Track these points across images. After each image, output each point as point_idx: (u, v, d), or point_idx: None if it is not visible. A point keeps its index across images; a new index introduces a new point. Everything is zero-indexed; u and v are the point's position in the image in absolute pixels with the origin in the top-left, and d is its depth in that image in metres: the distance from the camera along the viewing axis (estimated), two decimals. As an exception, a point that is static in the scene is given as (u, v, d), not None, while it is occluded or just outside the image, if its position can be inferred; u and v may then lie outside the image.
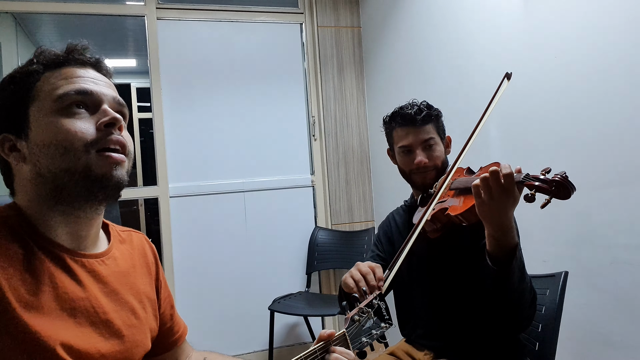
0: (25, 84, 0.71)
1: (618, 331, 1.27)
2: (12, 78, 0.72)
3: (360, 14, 2.98)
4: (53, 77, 0.72)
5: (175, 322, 0.96)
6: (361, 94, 2.97)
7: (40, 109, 0.70)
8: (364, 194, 2.95)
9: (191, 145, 2.73)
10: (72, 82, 0.71)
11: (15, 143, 0.70)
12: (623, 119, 1.22)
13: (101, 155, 0.70)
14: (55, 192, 0.69)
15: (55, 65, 0.73)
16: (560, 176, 0.81)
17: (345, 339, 0.90)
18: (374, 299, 0.97)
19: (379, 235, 1.44)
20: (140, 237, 0.92)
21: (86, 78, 0.73)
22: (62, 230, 0.71)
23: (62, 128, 0.68)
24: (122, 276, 0.79)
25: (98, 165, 0.69)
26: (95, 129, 0.70)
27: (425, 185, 1.26)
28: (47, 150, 0.68)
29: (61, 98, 0.69)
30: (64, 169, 0.68)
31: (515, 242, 0.96)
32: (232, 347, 2.70)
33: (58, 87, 0.70)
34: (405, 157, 1.28)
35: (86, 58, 0.75)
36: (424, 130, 1.25)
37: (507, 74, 1.16)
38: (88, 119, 0.71)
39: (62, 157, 0.68)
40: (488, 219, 0.93)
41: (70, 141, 0.68)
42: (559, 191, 0.81)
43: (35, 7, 2.51)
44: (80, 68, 0.74)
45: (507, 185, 0.88)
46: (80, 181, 0.68)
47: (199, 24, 2.79)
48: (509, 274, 0.95)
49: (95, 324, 0.71)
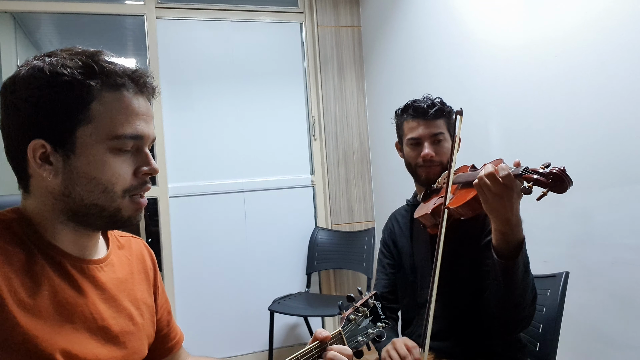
0: (82, 99, 0.66)
1: (619, 331, 1.27)
2: (69, 85, 0.66)
3: (360, 14, 2.98)
4: (112, 104, 0.68)
5: (172, 328, 0.95)
6: (361, 94, 2.97)
7: (92, 136, 0.67)
8: (364, 194, 2.94)
9: (191, 145, 2.72)
10: (130, 121, 0.69)
11: (48, 154, 0.67)
12: (623, 119, 1.22)
13: (133, 202, 0.72)
14: (75, 215, 0.69)
15: (115, 86, 0.69)
16: (558, 169, 0.82)
17: (341, 338, 0.90)
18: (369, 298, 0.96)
19: (384, 239, 1.43)
20: (139, 243, 0.92)
21: (141, 115, 0.71)
22: (66, 238, 0.71)
23: (110, 168, 0.68)
24: (120, 282, 0.79)
25: (127, 209, 0.71)
26: (133, 174, 0.71)
27: (429, 180, 1.26)
28: (87, 182, 0.67)
29: (118, 139, 0.68)
30: (97, 205, 0.69)
31: (522, 236, 0.97)
32: (232, 347, 2.69)
33: (116, 122, 0.68)
34: (413, 149, 1.28)
35: (145, 88, 0.73)
36: (435, 124, 1.25)
37: (457, 111, 1.19)
38: (129, 161, 0.71)
39: (100, 194, 0.68)
40: (495, 214, 0.94)
41: (112, 183, 0.68)
42: (555, 184, 0.81)
43: (35, 6, 2.50)
44: (136, 97, 0.71)
45: (507, 182, 0.90)
46: (106, 217, 0.70)
47: (198, 24, 2.79)
48: (514, 268, 0.96)
49: (93, 330, 0.71)
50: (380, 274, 1.39)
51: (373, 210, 2.95)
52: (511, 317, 1.03)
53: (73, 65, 0.67)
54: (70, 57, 0.68)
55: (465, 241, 1.18)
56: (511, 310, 1.01)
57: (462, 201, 1.03)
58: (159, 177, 2.63)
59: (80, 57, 0.68)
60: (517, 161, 0.93)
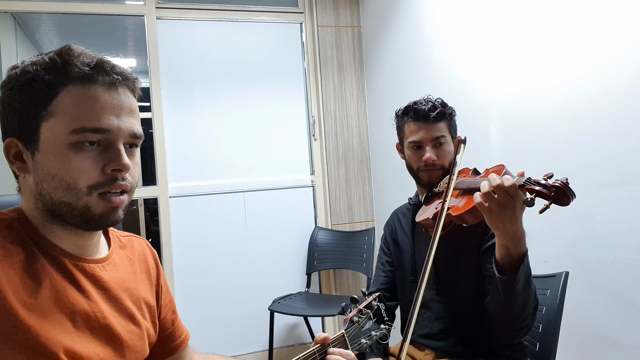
0: (44, 95, 0.66)
1: (619, 331, 1.27)
2: (31, 82, 0.66)
3: (360, 14, 2.98)
4: (74, 97, 0.66)
5: (177, 327, 0.95)
6: (361, 94, 2.96)
7: (53, 131, 0.66)
8: (364, 194, 2.94)
9: (191, 145, 2.72)
10: (94, 114, 0.66)
11: (21, 152, 0.68)
12: (624, 119, 1.22)
13: (102, 198, 0.68)
14: (53, 214, 0.69)
15: (80, 79, 0.67)
16: (561, 182, 0.81)
17: (344, 340, 0.89)
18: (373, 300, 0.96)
19: (384, 237, 1.43)
20: (141, 243, 0.91)
21: (110, 109, 0.68)
22: (62, 237, 0.71)
23: (70, 164, 0.65)
24: (122, 282, 0.79)
25: (97, 207, 0.68)
26: (101, 171, 0.67)
27: (430, 183, 1.25)
28: (51, 179, 0.66)
29: (78, 132, 0.65)
30: (64, 202, 0.67)
31: (524, 249, 0.95)
32: (232, 347, 2.69)
33: (76, 116, 0.65)
34: (414, 152, 1.27)
35: (114, 78, 0.69)
36: (436, 127, 1.24)
37: (461, 140, 1.18)
38: (97, 157, 0.67)
39: (64, 191, 0.66)
40: (500, 229, 0.92)
41: (75, 180, 0.66)
42: (559, 197, 0.81)
43: (35, 6, 2.50)
44: (106, 91, 0.68)
45: (512, 193, 0.88)
46: (77, 216, 0.68)
47: (198, 24, 2.79)
48: (514, 283, 0.95)
49: (95, 329, 0.71)
50: (379, 271, 1.40)
51: (373, 210, 2.95)
52: (511, 327, 1.03)
53: (40, 62, 0.67)
54: (44, 56, 0.68)
55: (466, 243, 1.18)
56: (511, 320, 1.01)
57: (466, 208, 1.02)
58: (158, 177, 2.63)
59: (50, 54, 0.68)
60: (521, 171, 0.92)
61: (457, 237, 1.16)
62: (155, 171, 2.64)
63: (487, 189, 0.90)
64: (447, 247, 1.20)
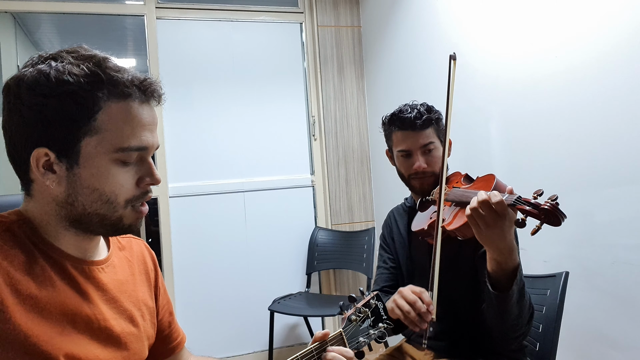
0: (87, 109, 0.65)
1: (619, 331, 1.27)
2: (73, 95, 0.64)
3: (360, 14, 2.98)
4: (118, 115, 0.67)
5: (174, 329, 0.95)
6: (361, 94, 2.96)
7: (97, 148, 0.66)
8: (364, 194, 2.94)
9: (191, 145, 2.72)
10: (136, 132, 0.68)
11: (52, 162, 0.66)
12: (624, 119, 1.22)
13: (134, 211, 0.72)
14: (77, 222, 0.69)
15: (121, 96, 0.67)
16: (550, 204, 0.81)
17: (342, 339, 0.89)
18: (371, 298, 0.96)
19: (383, 235, 1.43)
20: (139, 244, 0.91)
21: (147, 126, 0.70)
22: (67, 241, 0.71)
23: (113, 179, 0.68)
24: (121, 284, 0.79)
25: (129, 218, 0.71)
26: (136, 184, 0.71)
27: (423, 190, 1.25)
28: (90, 192, 0.67)
29: (123, 151, 0.67)
30: (99, 214, 0.69)
31: (516, 263, 0.95)
32: (232, 347, 2.69)
33: (122, 134, 0.67)
34: (404, 161, 1.27)
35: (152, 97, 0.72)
36: (424, 134, 1.23)
37: (451, 55, 1.18)
38: (132, 171, 0.70)
39: (102, 205, 0.68)
40: (489, 244, 0.93)
41: (116, 194, 0.68)
42: (549, 219, 0.81)
43: (35, 6, 2.50)
44: (141, 106, 0.70)
45: (500, 211, 0.87)
46: (108, 226, 0.70)
47: (198, 24, 2.79)
48: (508, 298, 0.95)
49: (95, 331, 0.70)
50: (382, 269, 1.39)
51: (373, 210, 2.95)
52: (506, 336, 1.04)
53: (79, 73, 0.65)
54: (77, 64, 0.65)
55: (464, 246, 1.18)
56: (506, 331, 1.02)
57: (459, 224, 1.02)
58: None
59: (87, 64, 0.66)
60: (509, 188, 0.92)
61: (453, 243, 1.17)
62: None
63: (474, 205, 0.89)
64: (445, 250, 1.20)
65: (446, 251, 1.19)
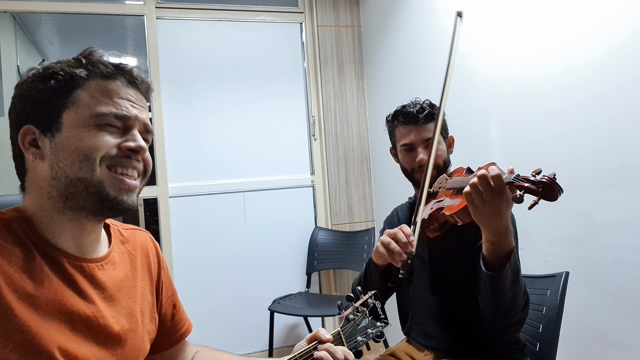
0: (67, 86, 0.70)
1: (619, 331, 1.27)
2: (54, 74, 0.70)
3: (360, 13, 2.98)
4: (97, 89, 0.71)
5: (177, 320, 0.96)
6: (361, 94, 2.96)
7: (76, 117, 0.70)
8: (364, 194, 2.94)
9: (191, 145, 2.72)
10: (114, 102, 0.72)
11: (37, 138, 0.70)
12: (624, 119, 1.22)
13: (115, 178, 0.71)
14: (65, 198, 0.69)
15: (102, 76, 0.72)
16: (548, 177, 0.82)
17: (340, 338, 0.90)
18: (369, 298, 0.97)
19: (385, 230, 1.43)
20: (144, 236, 0.92)
21: (128, 100, 0.73)
22: (66, 234, 0.71)
23: (91, 139, 0.69)
24: (121, 281, 0.79)
25: (110, 186, 0.70)
26: (117, 147, 0.71)
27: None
28: (69, 155, 0.69)
29: (100, 117, 0.70)
30: (80, 178, 0.69)
31: (511, 246, 0.96)
32: (232, 347, 2.68)
33: (99, 103, 0.71)
34: (406, 155, 1.28)
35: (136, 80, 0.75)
36: (426, 128, 1.25)
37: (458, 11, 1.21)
38: (115, 136, 0.72)
39: (80, 164, 0.69)
40: (484, 224, 0.94)
41: (91, 150, 0.69)
42: (546, 192, 0.81)
43: (35, 6, 2.50)
44: (125, 87, 0.74)
45: (497, 187, 0.88)
46: (91, 195, 0.70)
47: (198, 24, 2.79)
48: (501, 279, 0.95)
49: (93, 329, 0.71)
50: None
51: (373, 210, 2.95)
52: (500, 323, 1.04)
53: (64, 61, 0.72)
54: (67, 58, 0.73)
55: (462, 243, 1.18)
56: (500, 316, 1.02)
57: (459, 207, 1.03)
58: (158, 177, 2.63)
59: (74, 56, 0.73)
60: (510, 168, 0.92)
61: (452, 237, 1.17)
62: (155, 171, 2.64)
63: (474, 181, 0.91)
64: (443, 247, 1.20)
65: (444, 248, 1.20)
